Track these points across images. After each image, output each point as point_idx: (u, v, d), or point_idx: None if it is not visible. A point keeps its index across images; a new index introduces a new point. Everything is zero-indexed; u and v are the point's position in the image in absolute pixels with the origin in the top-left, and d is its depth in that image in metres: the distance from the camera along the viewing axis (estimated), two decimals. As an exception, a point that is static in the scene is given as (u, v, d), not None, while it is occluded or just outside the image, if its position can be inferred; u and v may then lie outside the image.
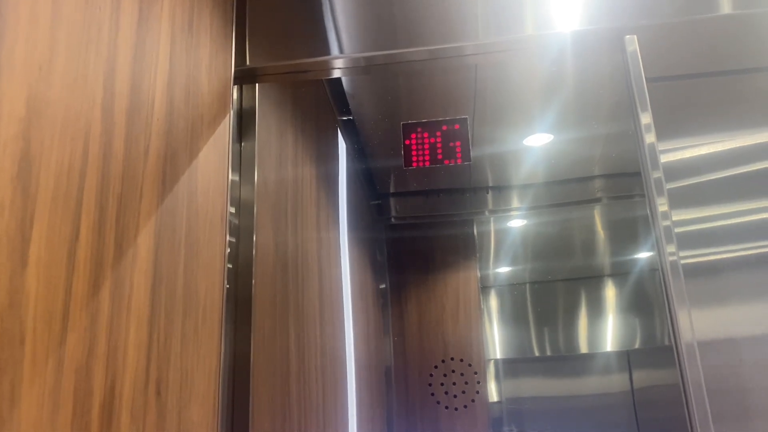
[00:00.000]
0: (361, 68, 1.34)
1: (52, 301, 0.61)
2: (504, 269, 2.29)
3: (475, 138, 2.06)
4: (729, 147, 1.08)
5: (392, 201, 2.29)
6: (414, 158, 1.31)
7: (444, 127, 1.32)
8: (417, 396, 2.02)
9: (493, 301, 2.26)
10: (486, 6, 1.27)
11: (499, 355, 2.19)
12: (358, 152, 2.01)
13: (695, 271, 1.02)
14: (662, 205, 1.03)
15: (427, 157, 1.30)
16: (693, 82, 1.15)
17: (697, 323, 0.99)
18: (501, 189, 2.31)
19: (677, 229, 1.04)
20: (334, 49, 1.33)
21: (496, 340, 2.21)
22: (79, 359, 0.64)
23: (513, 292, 2.27)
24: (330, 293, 1.48)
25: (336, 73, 1.36)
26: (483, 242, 2.30)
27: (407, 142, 1.32)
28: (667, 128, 1.10)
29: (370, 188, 2.23)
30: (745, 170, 1.07)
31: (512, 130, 2.01)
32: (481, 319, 2.19)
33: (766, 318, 0.99)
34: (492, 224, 2.32)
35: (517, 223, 2.33)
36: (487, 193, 2.30)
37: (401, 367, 2.06)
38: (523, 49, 1.25)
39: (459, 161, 1.31)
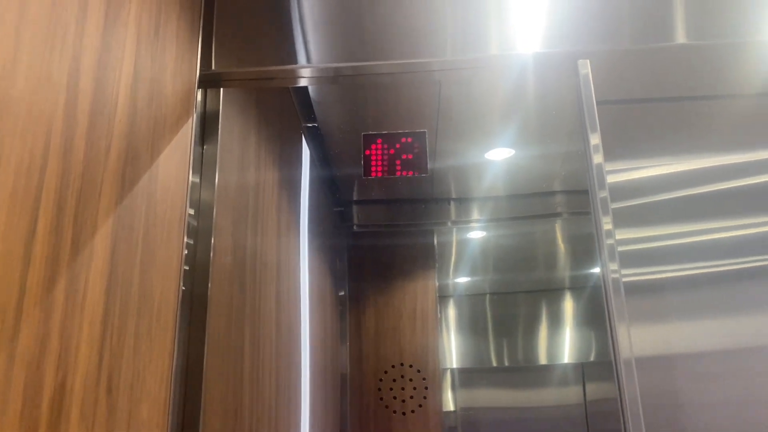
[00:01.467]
0: (327, 78, 1.37)
1: (7, 294, 0.62)
2: (463, 280, 2.33)
3: (438, 150, 2.10)
4: (674, 170, 1.14)
5: (355, 208, 2.31)
6: (373, 169, 1.33)
7: (403, 140, 1.35)
8: (371, 402, 2.04)
9: (452, 311, 2.29)
10: (455, 25, 1.30)
11: (455, 365, 2.23)
12: (322, 159, 2.03)
13: (637, 289, 1.06)
14: (607, 224, 1.08)
15: (386, 168, 1.33)
16: (644, 106, 1.20)
17: (636, 339, 1.04)
18: (463, 201, 2.35)
19: (622, 248, 1.08)
20: (302, 58, 1.35)
21: (453, 349, 2.25)
22: (30, 354, 0.65)
23: (471, 302, 2.31)
24: (288, 298, 1.50)
25: (302, 82, 1.38)
26: (443, 252, 2.34)
27: (367, 152, 1.35)
28: (616, 150, 1.15)
29: (333, 195, 2.25)
30: (688, 193, 1.12)
31: (474, 143, 2.05)
32: (438, 328, 2.23)
33: (703, 336, 1.04)
34: (452, 235, 2.36)
35: (477, 234, 2.37)
36: (449, 204, 2.35)
37: (357, 373, 2.08)
38: (487, 68, 1.28)
39: (417, 173, 1.34)
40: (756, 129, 1.18)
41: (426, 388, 1.89)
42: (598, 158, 1.13)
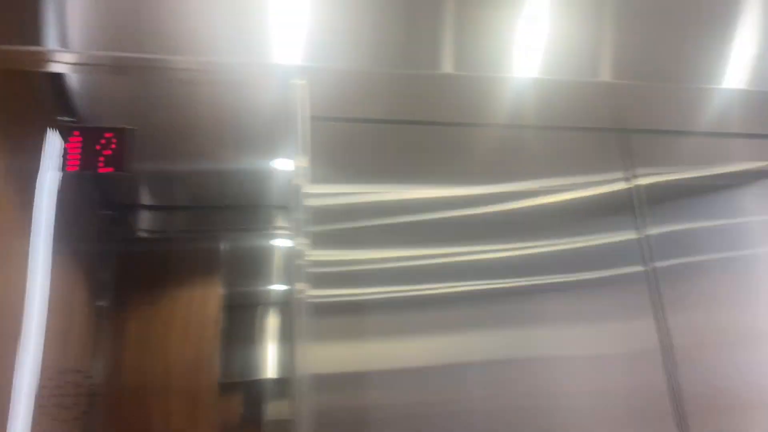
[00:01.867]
0: (67, 66, 1.26)
1: None
2: (243, 289, 2.27)
3: (221, 156, 2.02)
4: (382, 198, 1.15)
5: (131, 212, 2.18)
6: (69, 162, 1.24)
7: (107, 135, 1.27)
8: (130, 417, 1.92)
9: (232, 322, 2.22)
10: (225, 27, 1.24)
11: (224, 378, 2.16)
12: (90, 157, 1.89)
13: (338, 309, 1.06)
14: (299, 245, 1.06)
15: (84, 163, 1.24)
16: (366, 130, 1.21)
17: (333, 357, 1.03)
18: (245, 208, 2.29)
19: (327, 269, 1.07)
20: (52, 42, 1.25)
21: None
22: None
23: (250, 313, 2.25)
24: (2, 306, 1.35)
25: (50, 67, 1.27)
26: (227, 260, 2.26)
27: (67, 144, 1.25)
28: (326, 173, 1.14)
29: (102, 197, 2.10)
30: (393, 221, 1.13)
31: (258, 154, 2.00)
32: (218, 339, 2.15)
33: (397, 354, 1.06)
34: (236, 242, 2.29)
35: (264, 242, 2.32)
36: (229, 211, 2.28)
37: (114, 389, 1.95)
38: (218, 73, 1.23)
39: (116, 170, 1.26)
40: (479, 163, 1.22)
41: (93, 395, 1.80)
42: (298, 179, 1.12)
